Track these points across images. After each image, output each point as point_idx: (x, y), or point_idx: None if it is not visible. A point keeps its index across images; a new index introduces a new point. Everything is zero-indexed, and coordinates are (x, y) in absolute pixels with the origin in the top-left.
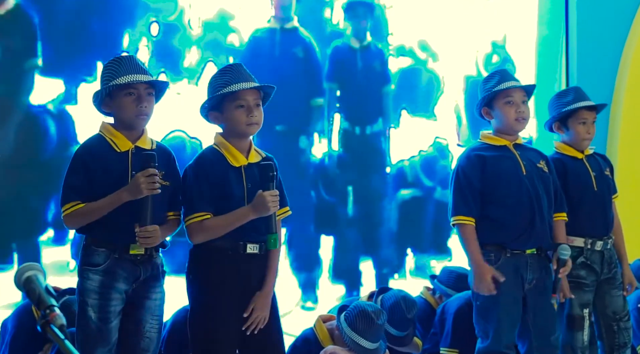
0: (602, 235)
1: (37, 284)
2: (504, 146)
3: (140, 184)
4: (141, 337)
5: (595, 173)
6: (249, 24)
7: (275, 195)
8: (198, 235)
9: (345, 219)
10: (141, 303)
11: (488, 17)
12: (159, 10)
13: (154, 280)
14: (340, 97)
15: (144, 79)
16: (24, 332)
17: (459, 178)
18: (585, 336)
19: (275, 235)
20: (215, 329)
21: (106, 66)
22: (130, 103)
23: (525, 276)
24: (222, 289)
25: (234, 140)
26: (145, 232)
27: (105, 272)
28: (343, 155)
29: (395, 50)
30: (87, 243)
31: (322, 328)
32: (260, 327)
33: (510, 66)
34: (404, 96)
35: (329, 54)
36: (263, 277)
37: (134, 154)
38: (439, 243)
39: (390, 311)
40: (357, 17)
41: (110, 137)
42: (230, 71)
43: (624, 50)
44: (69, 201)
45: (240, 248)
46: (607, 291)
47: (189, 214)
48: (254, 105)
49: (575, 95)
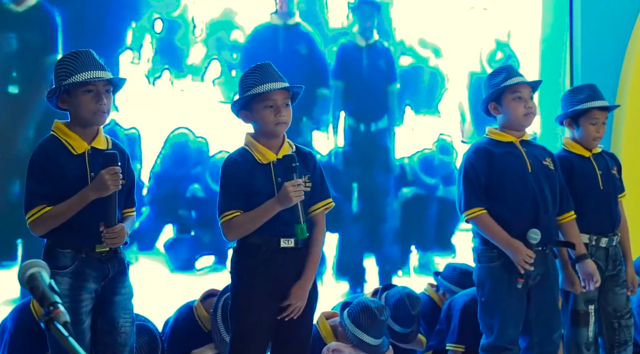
0: (608, 232)
1: (40, 281)
2: (511, 142)
3: (107, 181)
4: (117, 333)
5: (602, 172)
6: (253, 20)
7: (296, 185)
8: (230, 233)
9: (350, 216)
10: (111, 300)
11: (492, 14)
12: (163, 6)
13: (121, 275)
14: (346, 95)
15: (104, 76)
16: (23, 332)
17: (468, 172)
18: (590, 332)
19: (302, 224)
20: (248, 321)
21: (62, 61)
22: (90, 100)
23: (530, 273)
24: (256, 282)
25: (263, 139)
26: (112, 233)
27: (74, 274)
28: (348, 152)
29: (396, 47)
30: (50, 245)
31: (325, 325)
32: (294, 317)
33: (514, 62)
34: (408, 93)
35: (335, 51)
36: (302, 269)
37: (90, 155)
38: (443, 240)
39: (394, 308)
40: (364, 16)
41: (65, 138)
42: (259, 71)
43: (628, 48)
44: (34, 207)
45: (275, 243)
46: (610, 288)
47: (220, 214)
48: (283, 105)
49: (590, 93)
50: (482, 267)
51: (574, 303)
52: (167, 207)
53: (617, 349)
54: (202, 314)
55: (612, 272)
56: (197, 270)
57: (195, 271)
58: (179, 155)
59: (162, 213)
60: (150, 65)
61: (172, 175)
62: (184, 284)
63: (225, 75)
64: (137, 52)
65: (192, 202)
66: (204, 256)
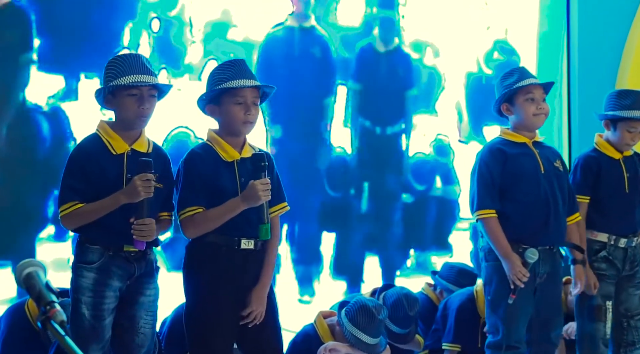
0: (628, 233)
1: (37, 280)
2: (524, 143)
3: (137, 187)
4: (136, 333)
5: (629, 175)
6: (250, 19)
7: (265, 184)
8: (190, 229)
9: (352, 216)
10: (135, 300)
11: (489, 13)
12: (160, 5)
13: (148, 276)
14: (362, 98)
15: (149, 81)
16: (17, 332)
17: (482, 171)
18: (607, 328)
19: (267, 225)
20: (209, 324)
21: (111, 62)
22: (133, 103)
23: (537, 270)
24: (216, 284)
25: (227, 136)
26: (142, 225)
27: (100, 270)
28: (358, 154)
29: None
30: (81, 240)
31: (322, 324)
32: (257, 322)
33: (514, 59)
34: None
35: (355, 54)
36: (259, 272)
37: (129, 157)
38: (440, 239)
39: (392, 308)
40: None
41: (107, 138)
42: (232, 66)
43: (626, 44)
44: (68, 201)
45: (235, 243)
46: (625, 288)
47: (181, 209)
48: (252, 103)
49: (634, 101)
50: (489, 265)
51: (590, 298)
52: None
53: (624, 349)
54: None
55: (628, 272)
56: None
57: None
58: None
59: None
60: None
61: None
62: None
63: None
64: (135, 51)
65: None
66: None
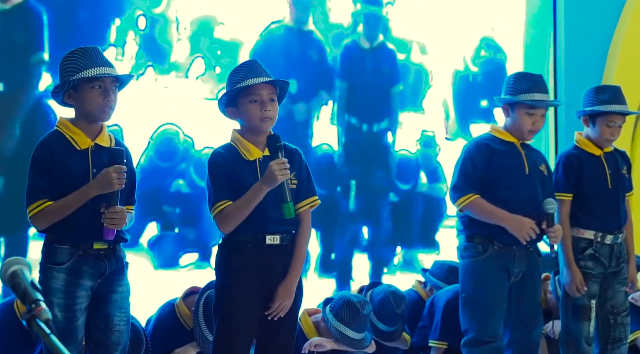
0: (614, 230)
1: (22, 278)
2: (512, 142)
3: (112, 179)
4: (111, 331)
5: (611, 171)
6: (237, 17)
7: (282, 163)
8: (224, 223)
9: (339, 214)
10: (108, 298)
11: (476, 11)
12: (146, 3)
13: (118, 273)
14: (348, 95)
15: (112, 73)
16: (7, 331)
17: (465, 163)
18: (591, 327)
19: (289, 203)
20: (233, 318)
21: (69, 57)
22: (97, 96)
23: (512, 270)
24: (241, 279)
25: (249, 135)
26: (114, 212)
27: (70, 270)
28: (345, 151)
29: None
30: (49, 240)
31: (307, 321)
32: (281, 315)
33: (501, 57)
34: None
35: (339, 53)
36: (287, 267)
37: (93, 152)
38: (427, 237)
39: (379, 306)
40: (370, 27)
41: (70, 134)
42: (245, 67)
43: (612, 42)
44: (35, 201)
45: (260, 239)
46: (611, 285)
47: (212, 207)
48: (268, 99)
49: (612, 95)
50: (464, 263)
51: (575, 297)
52: (152, 204)
53: (611, 346)
54: (184, 313)
55: (614, 269)
56: (181, 267)
57: (179, 268)
58: (164, 151)
59: (147, 210)
60: (133, 61)
61: (157, 171)
62: (167, 281)
63: (209, 72)
64: (121, 48)
65: (176, 198)
66: (187, 253)
